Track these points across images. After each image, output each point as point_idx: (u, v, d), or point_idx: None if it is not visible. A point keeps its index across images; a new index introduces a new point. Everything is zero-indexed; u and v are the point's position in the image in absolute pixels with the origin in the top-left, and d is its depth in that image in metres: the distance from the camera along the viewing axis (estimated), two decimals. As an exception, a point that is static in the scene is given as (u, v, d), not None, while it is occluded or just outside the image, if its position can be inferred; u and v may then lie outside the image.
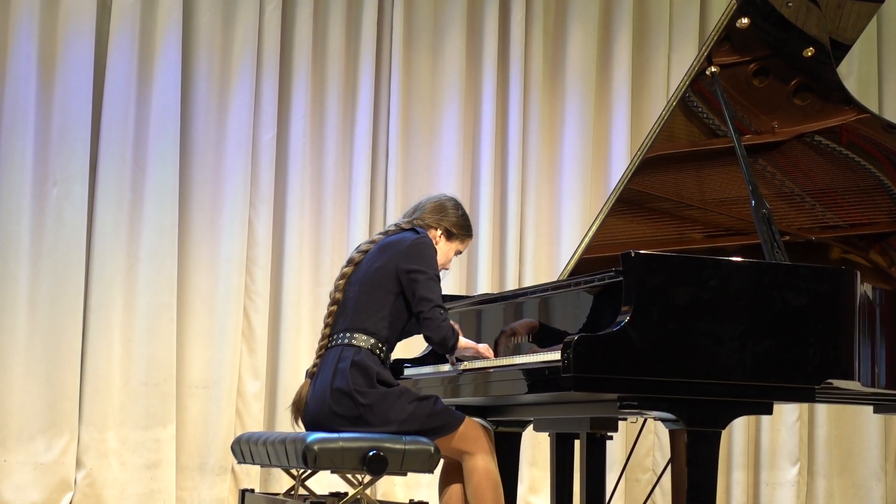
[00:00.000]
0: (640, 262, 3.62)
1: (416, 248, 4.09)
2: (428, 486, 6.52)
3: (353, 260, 4.21)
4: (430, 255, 4.10)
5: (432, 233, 4.23)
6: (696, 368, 3.60)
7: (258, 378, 6.55)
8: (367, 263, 4.15)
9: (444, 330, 4.03)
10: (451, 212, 4.28)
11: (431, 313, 4.02)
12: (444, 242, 4.26)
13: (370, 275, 4.10)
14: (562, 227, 7.13)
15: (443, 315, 4.03)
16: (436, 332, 4.03)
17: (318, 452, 3.77)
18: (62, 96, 6.32)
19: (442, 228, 4.25)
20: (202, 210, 6.54)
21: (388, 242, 4.16)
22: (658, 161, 4.66)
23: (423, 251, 4.09)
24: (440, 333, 4.03)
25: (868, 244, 4.77)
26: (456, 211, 4.30)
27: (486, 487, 3.98)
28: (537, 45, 7.18)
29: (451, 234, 4.28)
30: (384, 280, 4.07)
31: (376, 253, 4.15)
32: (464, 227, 4.31)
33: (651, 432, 7.17)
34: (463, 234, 4.31)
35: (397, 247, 4.11)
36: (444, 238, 4.26)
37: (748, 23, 4.42)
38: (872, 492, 7.57)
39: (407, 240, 4.13)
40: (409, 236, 4.15)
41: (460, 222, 4.29)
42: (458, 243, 4.31)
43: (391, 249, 4.11)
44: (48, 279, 6.24)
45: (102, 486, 6.25)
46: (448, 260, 4.30)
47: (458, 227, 4.29)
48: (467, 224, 4.32)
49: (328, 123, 6.81)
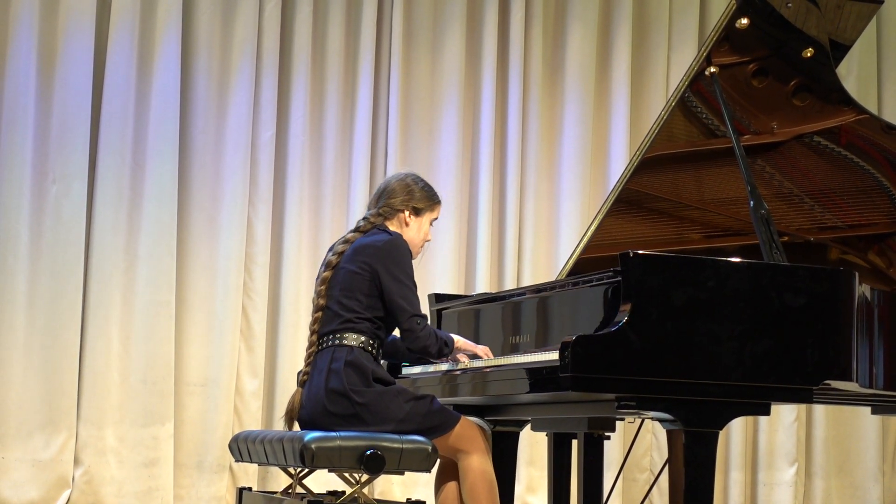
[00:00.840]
0: (638, 263, 3.62)
1: (389, 251, 4.06)
2: (425, 485, 6.52)
3: (330, 263, 4.16)
4: (405, 260, 4.08)
5: (401, 216, 4.21)
6: (694, 369, 3.61)
7: (256, 376, 6.55)
8: (344, 265, 4.12)
9: (423, 339, 4.03)
10: (414, 190, 4.25)
11: (409, 324, 4.02)
12: (414, 220, 4.23)
13: (349, 278, 4.08)
14: (560, 226, 7.13)
15: (420, 324, 4.03)
16: (414, 342, 4.05)
17: (316, 451, 3.77)
18: (62, 93, 6.32)
19: (409, 209, 4.23)
20: (201, 208, 6.54)
21: (361, 245, 4.12)
22: (657, 161, 4.66)
23: (397, 256, 4.06)
24: (418, 344, 4.04)
25: (867, 245, 4.77)
26: (417, 185, 4.26)
27: (482, 487, 3.98)
28: (537, 44, 7.18)
29: (419, 210, 4.25)
30: (363, 284, 4.05)
31: (351, 255, 4.12)
32: (429, 197, 4.26)
33: (649, 432, 7.17)
34: (431, 203, 4.27)
35: (371, 249, 4.08)
36: (413, 216, 4.24)
37: (748, 23, 4.42)
38: (870, 493, 7.57)
39: (380, 242, 4.09)
40: (381, 238, 4.11)
41: (425, 195, 4.26)
42: (429, 213, 4.28)
43: (365, 252, 4.08)
44: (47, 276, 6.23)
45: (100, 484, 6.25)
46: (425, 234, 4.27)
47: (424, 201, 4.25)
48: (432, 193, 4.28)
49: (327, 122, 6.81)
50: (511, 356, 4.11)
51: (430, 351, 4.07)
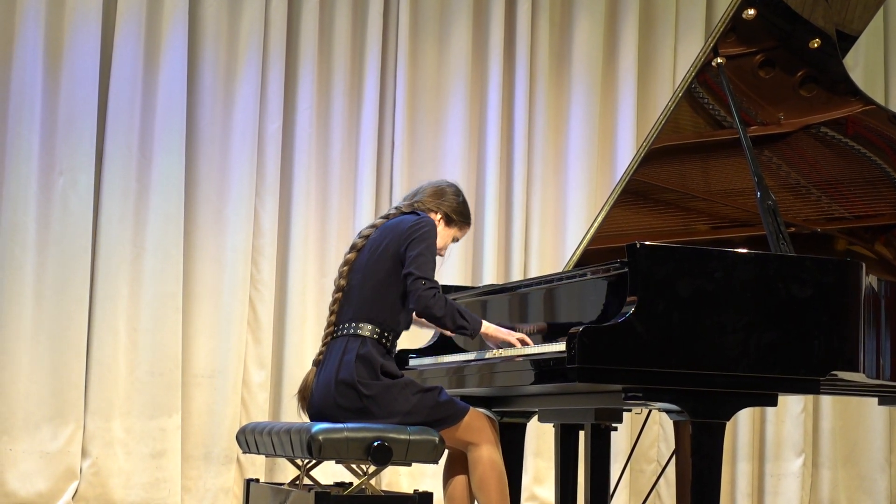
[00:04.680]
0: (645, 254, 3.62)
1: (416, 228, 4.07)
2: (433, 476, 6.52)
3: (355, 246, 4.20)
4: (430, 235, 4.06)
5: (431, 216, 4.22)
6: (701, 360, 3.61)
7: (263, 368, 6.56)
8: (369, 249, 4.14)
9: (426, 300, 3.97)
10: (450, 197, 4.27)
11: (413, 285, 3.98)
12: (442, 227, 4.25)
13: (373, 260, 4.09)
14: (567, 217, 7.13)
15: (425, 285, 3.97)
16: (417, 303, 3.99)
17: (323, 442, 3.78)
18: (68, 86, 6.33)
19: (441, 212, 4.24)
20: (208, 200, 6.55)
21: (389, 226, 4.15)
22: (664, 152, 4.66)
23: (423, 231, 4.06)
24: (421, 304, 3.98)
25: (873, 236, 4.77)
26: (456, 197, 4.29)
27: (491, 478, 3.98)
28: (543, 35, 7.18)
29: (450, 220, 4.27)
30: (386, 264, 4.06)
31: (378, 237, 4.14)
32: (463, 213, 4.29)
33: (656, 423, 7.17)
34: (461, 220, 4.29)
35: (398, 229, 4.10)
36: (442, 222, 4.25)
37: (754, 14, 4.42)
38: (877, 483, 7.57)
39: (407, 221, 4.11)
40: (409, 218, 4.13)
41: (460, 208, 4.28)
42: (457, 230, 4.30)
43: (392, 232, 4.10)
44: (54, 268, 6.24)
45: (108, 475, 6.26)
46: (445, 245, 4.28)
47: (457, 213, 4.27)
48: (466, 211, 4.31)
49: (334, 113, 6.81)
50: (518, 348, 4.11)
51: (435, 314, 3.99)
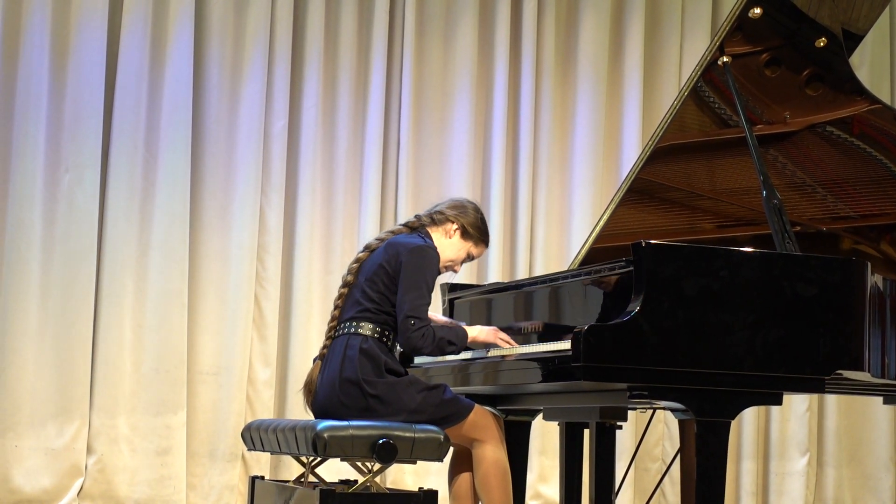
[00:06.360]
0: (650, 252, 3.62)
1: (418, 255, 4.09)
2: (437, 473, 6.53)
3: (369, 247, 4.24)
4: (428, 266, 4.08)
5: (448, 226, 4.24)
6: (706, 358, 3.61)
7: (269, 365, 6.56)
8: (374, 257, 4.17)
9: (414, 340, 4.02)
10: (471, 212, 4.30)
11: (403, 324, 4.02)
12: (458, 238, 4.26)
13: (374, 270, 4.12)
14: (573, 216, 7.13)
15: (414, 326, 4.00)
16: (405, 343, 4.05)
17: (328, 440, 3.78)
18: (75, 83, 6.33)
19: (458, 224, 4.26)
20: (214, 198, 6.55)
21: (393, 242, 4.17)
22: (669, 151, 4.66)
23: (424, 262, 4.08)
24: (409, 344, 4.04)
25: (879, 235, 4.76)
26: (476, 213, 4.31)
27: (495, 476, 3.99)
28: (549, 34, 7.17)
29: (466, 233, 4.27)
30: (385, 278, 4.09)
31: (382, 251, 4.16)
32: (480, 229, 4.31)
33: (661, 422, 7.17)
34: (478, 235, 4.30)
35: (400, 249, 4.11)
36: (458, 233, 4.26)
37: (760, 12, 4.42)
38: (882, 482, 7.57)
39: (411, 244, 4.12)
40: (414, 241, 4.15)
41: (478, 224, 4.30)
42: (472, 245, 4.30)
43: (393, 250, 4.12)
44: (60, 266, 6.25)
45: (113, 472, 6.27)
46: (459, 258, 4.29)
47: (474, 228, 4.28)
48: (485, 228, 4.33)
49: (340, 112, 6.82)
50: (523, 346, 4.11)
51: (423, 352, 4.07)
